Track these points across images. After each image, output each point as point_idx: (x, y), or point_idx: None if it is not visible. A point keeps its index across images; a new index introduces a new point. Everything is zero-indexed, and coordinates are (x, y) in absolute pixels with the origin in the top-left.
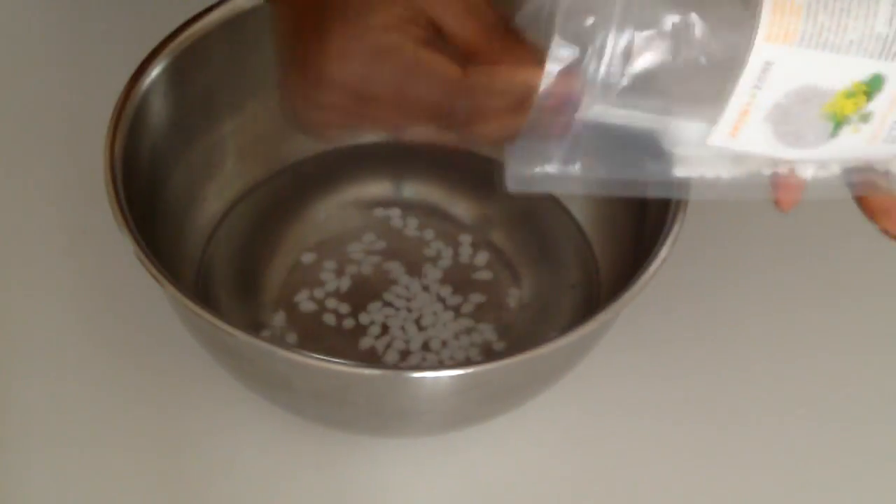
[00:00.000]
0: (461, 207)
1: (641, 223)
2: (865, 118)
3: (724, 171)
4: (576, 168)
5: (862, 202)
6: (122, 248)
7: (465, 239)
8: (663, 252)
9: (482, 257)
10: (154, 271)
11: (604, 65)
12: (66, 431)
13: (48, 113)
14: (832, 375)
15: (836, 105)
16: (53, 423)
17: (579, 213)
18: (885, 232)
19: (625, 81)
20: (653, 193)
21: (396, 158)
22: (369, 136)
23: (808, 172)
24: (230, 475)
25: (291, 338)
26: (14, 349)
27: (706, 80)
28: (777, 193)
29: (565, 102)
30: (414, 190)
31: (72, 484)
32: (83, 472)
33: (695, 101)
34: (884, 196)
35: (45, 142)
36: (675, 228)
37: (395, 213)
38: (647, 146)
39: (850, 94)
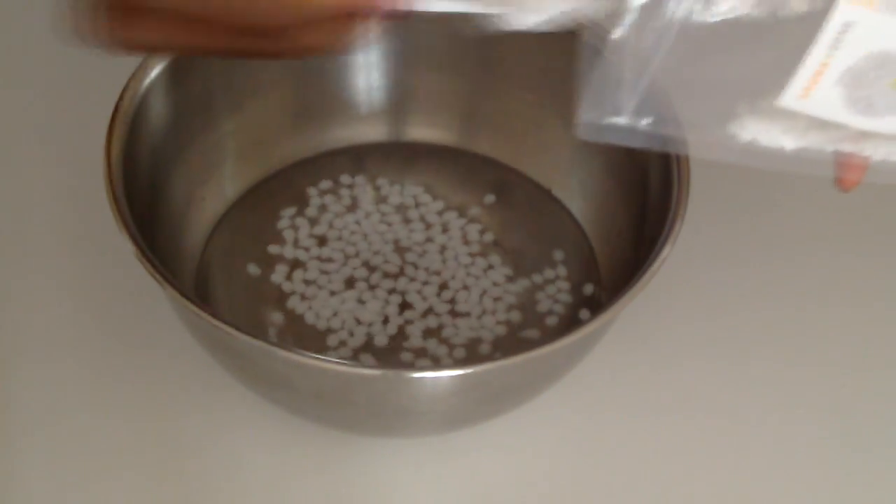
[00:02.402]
0: (461, 206)
1: (641, 223)
2: None
3: (788, 142)
4: (645, 122)
5: None
6: (122, 248)
7: (465, 238)
8: (663, 252)
9: (481, 256)
10: (154, 271)
11: (684, 6)
12: (66, 431)
13: (48, 113)
14: (833, 375)
15: None
16: (53, 422)
17: (579, 213)
18: None
19: (703, 26)
20: (716, 157)
21: (397, 158)
22: (369, 136)
23: (876, 153)
24: (230, 475)
25: (291, 336)
26: (14, 349)
27: (784, 35)
28: (839, 171)
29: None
30: (414, 189)
31: (71, 484)
32: (83, 471)
33: (770, 57)
34: None
35: (45, 142)
36: (676, 228)
37: (395, 211)
38: (715, 106)
39: None
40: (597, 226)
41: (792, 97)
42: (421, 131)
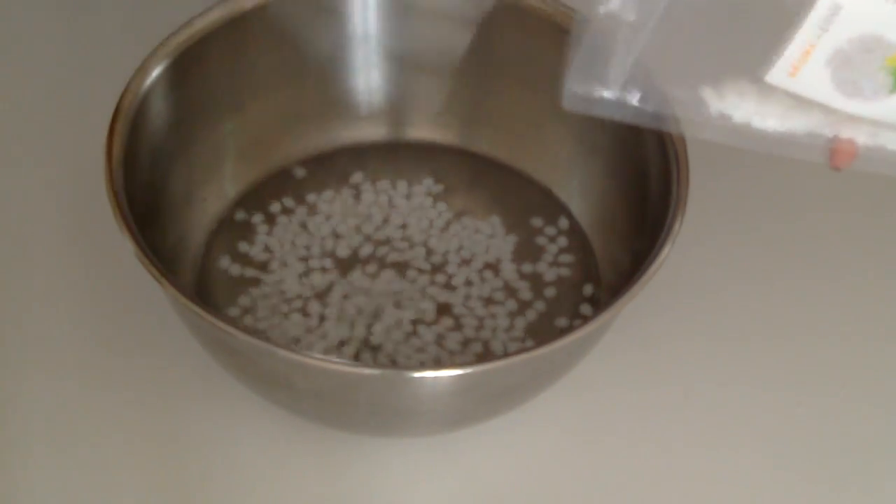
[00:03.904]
0: (462, 207)
1: (641, 223)
2: None
3: (776, 124)
4: (633, 97)
5: None
6: (122, 248)
7: (465, 238)
8: (663, 252)
9: (482, 257)
10: (154, 271)
11: None
12: (66, 431)
13: (48, 113)
14: (833, 375)
15: None
16: (53, 422)
17: (579, 213)
18: None
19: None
20: (705, 136)
21: (397, 158)
22: (369, 136)
23: (867, 139)
24: (230, 475)
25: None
26: (14, 349)
27: (773, 11)
28: (830, 156)
29: None
30: (414, 189)
31: (72, 484)
32: (83, 471)
33: (759, 33)
34: None
35: (45, 142)
36: (676, 228)
37: (395, 211)
38: (705, 83)
39: None
40: (597, 226)
41: (780, 74)
42: (421, 131)
